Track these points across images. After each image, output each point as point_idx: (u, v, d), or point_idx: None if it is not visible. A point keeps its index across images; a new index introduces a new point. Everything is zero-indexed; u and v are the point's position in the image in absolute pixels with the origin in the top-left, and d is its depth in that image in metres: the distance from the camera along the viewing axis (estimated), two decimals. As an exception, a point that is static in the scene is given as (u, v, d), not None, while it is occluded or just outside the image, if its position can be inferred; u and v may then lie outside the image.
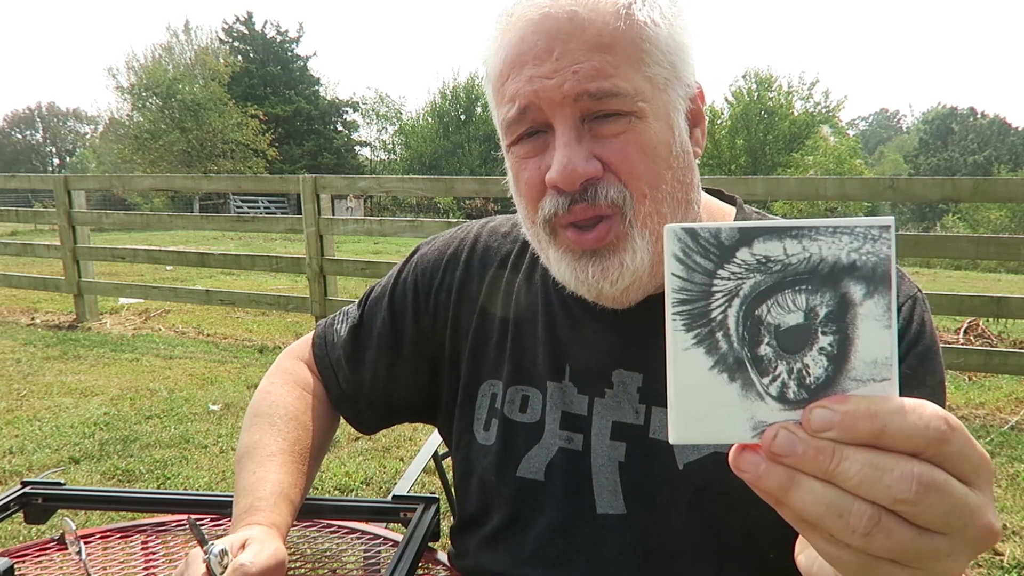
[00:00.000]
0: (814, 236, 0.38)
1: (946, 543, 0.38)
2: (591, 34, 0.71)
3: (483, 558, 0.91)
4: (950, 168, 50.45)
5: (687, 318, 0.39)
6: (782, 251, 0.38)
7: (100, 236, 15.63)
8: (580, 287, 0.78)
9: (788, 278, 0.38)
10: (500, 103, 0.77)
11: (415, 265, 1.01)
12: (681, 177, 0.76)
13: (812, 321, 0.38)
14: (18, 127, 68.42)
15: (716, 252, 0.38)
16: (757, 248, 0.38)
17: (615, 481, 0.82)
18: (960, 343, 5.62)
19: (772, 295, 0.38)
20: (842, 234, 0.37)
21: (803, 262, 0.38)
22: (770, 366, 0.38)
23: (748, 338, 0.38)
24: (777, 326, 0.38)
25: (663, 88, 0.74)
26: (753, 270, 0.38)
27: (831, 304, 0.38)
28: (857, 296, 0.37)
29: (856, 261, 0.37)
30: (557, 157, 0.72)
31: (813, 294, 0.38)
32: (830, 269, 0.37)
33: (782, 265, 0.38)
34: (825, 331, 0.38)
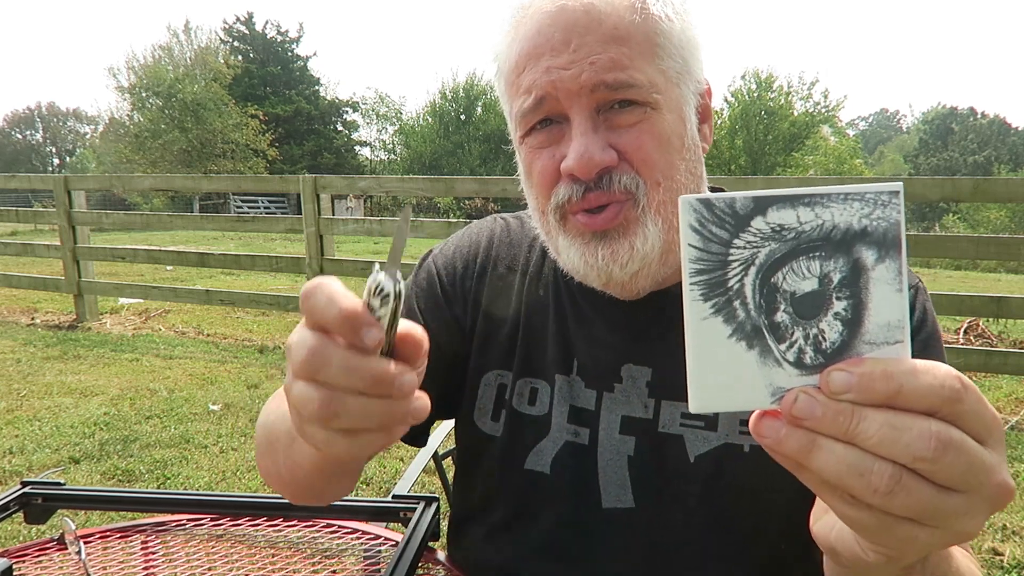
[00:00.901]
0: (826, 203, 0.38)
1: (964, 501, 0.38)
2: (608, 27, 0.73)
3: (485, 551, 0.91)
4: (950, 168, 50.44)
5: (705, 288, 0.39)
6: (795, 219, 0.38)
7: (100, 236, 15.63)
8: (590, 272, 0.78)
9: (802, 245, 0.38)
10: (515, 95, 0.78)
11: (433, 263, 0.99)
12: (692, 169, 0.79)
13: (827, 287, 0.38)
14: (18, 127, 68.43)
15: (731, 222, 0.39)
16: (771, 216, 0.38)
17: (624, 475, 0.82)
18: (960, 343, 5.62)
19: (787, 262, 0.39)
20: (853, 200, 0.38)
21: (816, 229, 0.38)
22: (787, 332, 0.39)
23: (765, 306, 0.39)
24: (793, 293, 0.39)
25: (675, 82, 0.76)
26: (768, 238, 0.39)
27: (844, 270, 0.38)
28: (869, 261, 0.38)
29: (867, 227, 0.38)
30: (574, 146, 0.73)
31: (827, 260, 0.38)
32: (843, 235, 0.38)
33: (796, 233, 0.38)
34: (840, 296, 0.38)
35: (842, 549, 0.46)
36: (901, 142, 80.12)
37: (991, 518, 2.89)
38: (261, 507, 1.14)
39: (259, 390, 4.60)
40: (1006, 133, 57.16)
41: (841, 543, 0.46)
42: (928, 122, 66.76)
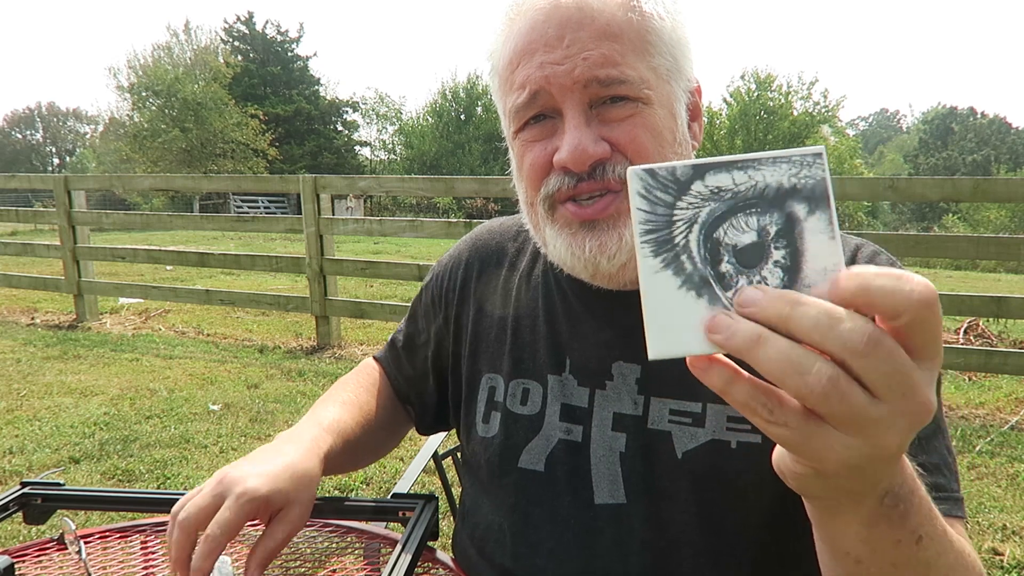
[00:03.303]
0: (757, 166, 0.42)
1: (887, 411, 0.40)
2: (600, 23, 0.74)
3: (484, 549, 0.92)
4: (950, 168, 50.46)
5: (654, 245, 0.43)
6: (731, 181, 0.42)
7: (100, 236, 15.64)
8: (577, 264, 0.79)
9: (739, 203, 0.42)
10: (508, 91, 0.79)
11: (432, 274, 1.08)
12: None
13: (765, 238, 0.42)
14: (18, 127, 68.44)
15: (674, 187, 0.43)
16: (709, 180, 0.42)
17: (616, 471, 0.83)
18: (960, 343, 5.62)
19: (727, 219, 0.42)
20: (781, 163, 0.42)
21: (751, 189, 0.42)
22: (732, 281, 0.42)
23: (710, 258, 0.43)
24: (734, 245, 0.42)
25: (666, 79, 0.77)
26: (708, 199, 0.43)
27: (779, 222, 0.42)
28: (802, 213, 0.42)
29: (796, 184, 0.42)
30: (567, 138, 0.75)
31: (763, 215, 0.42)
32: (775, 193, 0.42)
33: (732, 193, 0.42)
34: (777, 246, 0.42)
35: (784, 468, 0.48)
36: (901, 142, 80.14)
37: (990, 518, 2.89)
38: (261, 507, 1.14)
39: (259, 390, 4.60)
40: (1006, 133, 57.16)
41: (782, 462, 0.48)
42: (928, 122, 66.76)
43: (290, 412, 4.18)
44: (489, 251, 0.98)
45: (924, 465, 0.73)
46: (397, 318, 5.42)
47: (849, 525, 0.52)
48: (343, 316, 5.98)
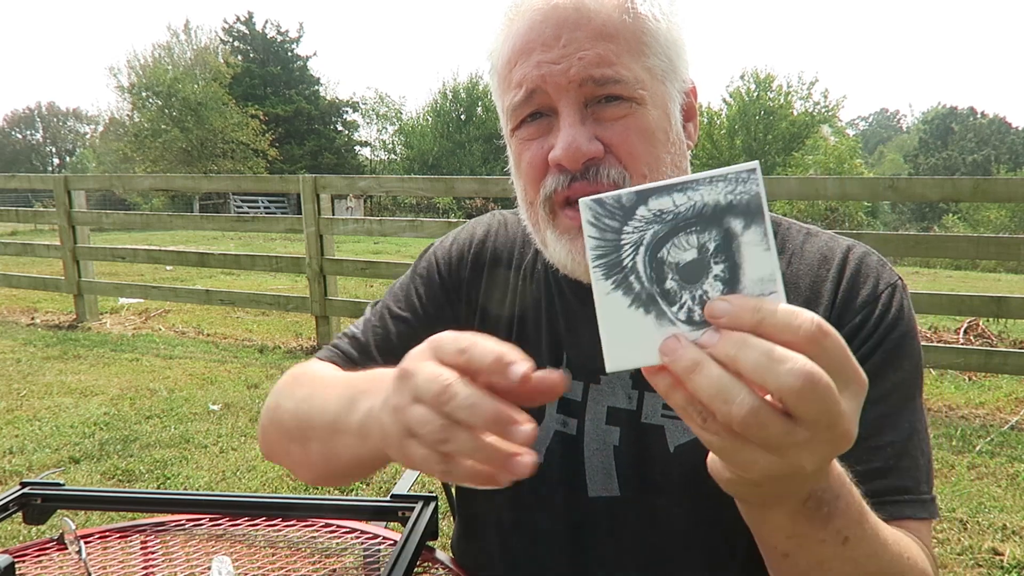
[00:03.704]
0: (695, 187, 0.45)
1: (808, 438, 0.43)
2: (597, 24, 0.75)
3: (484, 545, 0.93)
4: (950, 168, 50.45)
5: (605, 269, 0.47)
6: (672, 203, 0.45)
7: (100, 236, 15.63)
8: (576, 268, 0.80)
9: (680, 224, 0.45)
10: (506, 90, 0.80)
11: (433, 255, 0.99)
12: (677, 163, 0.81)
13: (704, 255, 0.45)
14: (18, 127, 68.45)
15: (620, 212, 0.46)
16: (652, 204, 0.46)
17: (610, 464, 0.84)
18: (960, 343, 5.62)
19: (669, 239, 0.46)
20: (717, 182, 0.45)
21: (690, 209, 0.45)
22: (676, 297, 0.46)
23: (655, 277, 0.46)
24: (677, 263, 0.46)
25: (661, 79, 0.79)
26: (651, 222, 0.46)
27: (717, 239, 0.45)
28: (738, 229, 0.44)
29: (732, 201, 0.44)
30: (562, 136, 0.76)
31: (702, 233, 0.45)
32: (712, 211, 0.45)
33: (673, 215, 0.45)
34: (716, 261, 0.45)
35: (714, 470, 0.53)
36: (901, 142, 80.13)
37: (990, 518, 2.89)
38: (261, 507, 1.14)
39: (259, 390, 4.60)
40: (1006, 133, 57.15)
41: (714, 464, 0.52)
42: (928, 122, 66.75)
43: (290, 412, 4.18)
44: (500, 242, 0.98)
45: (894, 468, 0.74)
46: (397, 318, 5.41)
47: (775, 523, 0.57)
48: (343, 316, 5.98)
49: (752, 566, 0.81)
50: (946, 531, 2.81)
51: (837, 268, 0.82)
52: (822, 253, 0.84)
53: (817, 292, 0.81)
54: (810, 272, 0.83)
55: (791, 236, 0.87)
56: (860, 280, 0.81)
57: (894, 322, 0.79)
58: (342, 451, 0.69)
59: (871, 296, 0.80)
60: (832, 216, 22.62)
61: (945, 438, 3.75)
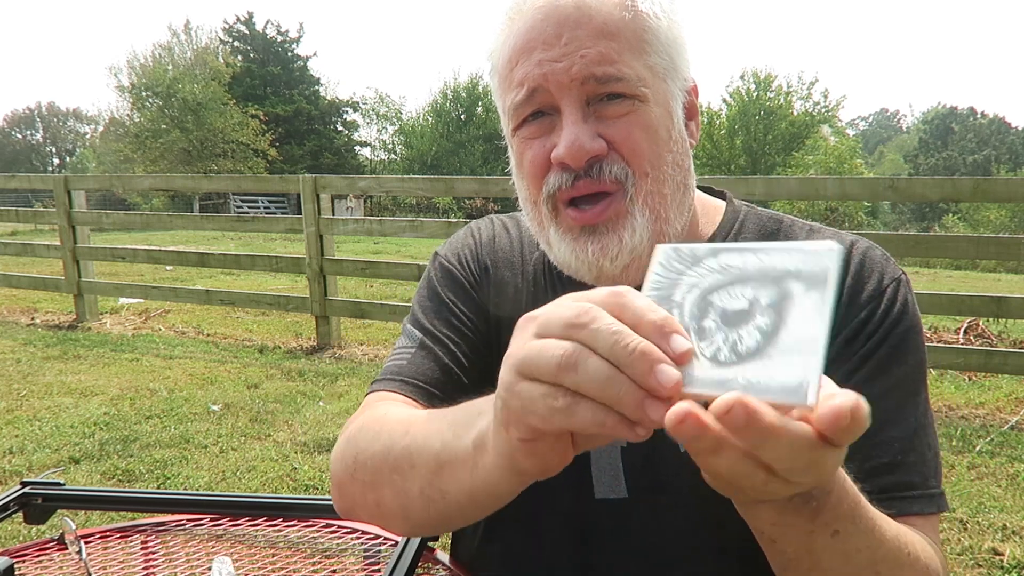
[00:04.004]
0: (770, 252, 0.45)
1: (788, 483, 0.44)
2: (598, 22, 0.75)
3: (484, 544, 0.92)
4: (950, 168, 50.43)
5: (656, 299, 0.47)
6: (741, 261, 0.45)
7: (100, 236, 15.63)
8: (581, 267, 0.80)
9: (742, 277, 0.45)
10: (508, 89, 0.80)
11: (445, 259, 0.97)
12: (680, 161, 0.80)
13: (754, 307, 0.44)
14: (18, 127, 68.44)
15: (690, 260, 0.47)
16: (722, 258, 0.46)
17: (617, 466, 0.83)
18: (960, 343, 5.62)
19: (725, 287, 0.45)
20: (794, 252, 0.44)
21: (757, 268, 0.45)
22: (710, 335, 0.44)
23: (697, 313, 0.45)
24: (724, 308, 0.45)
25: (662, 77, 0.79)
26: (715, 272, 0.46)
27: (773, 297, 0.43)
28: (797, 291, 0.43)
29: (801, 269, 0.43)
30: (564, 135, 0.76)
31: (759, 288, 0.44)
32: (778, 274, 0.44)
33: (739, 270, 0.45)
34: (763, 314, 0.43)
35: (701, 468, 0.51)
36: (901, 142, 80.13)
37: (990, 518, 2.89)
38: (261, 507, 1.14)
39: (259, 390, 4.60)
40: (1006, 133, 57.14)
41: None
42: (928, 122, 66.75)
43: (290, 412, 4.18)
44: (503, 247, 0.97)
45: (900, 464, 0.74)
46: (397, 318, 5.42)
47: (760, 512, 0.57)
48: (343, 316, 5.98)
49: (758, 567, 0.81)
50: (946, 531, 2.81)
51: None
52: None
53: None
54: None
55: (794, 232, 0.88)
56: (865, 274, 0.81)
57: (899, 317, 0.80)
58: (449, 486, 0.63)
59: (876, 290, 0.80)
60: (832, 216, 22.62)
61: (945, 438, 3.75)
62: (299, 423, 4.01)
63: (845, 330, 0.79)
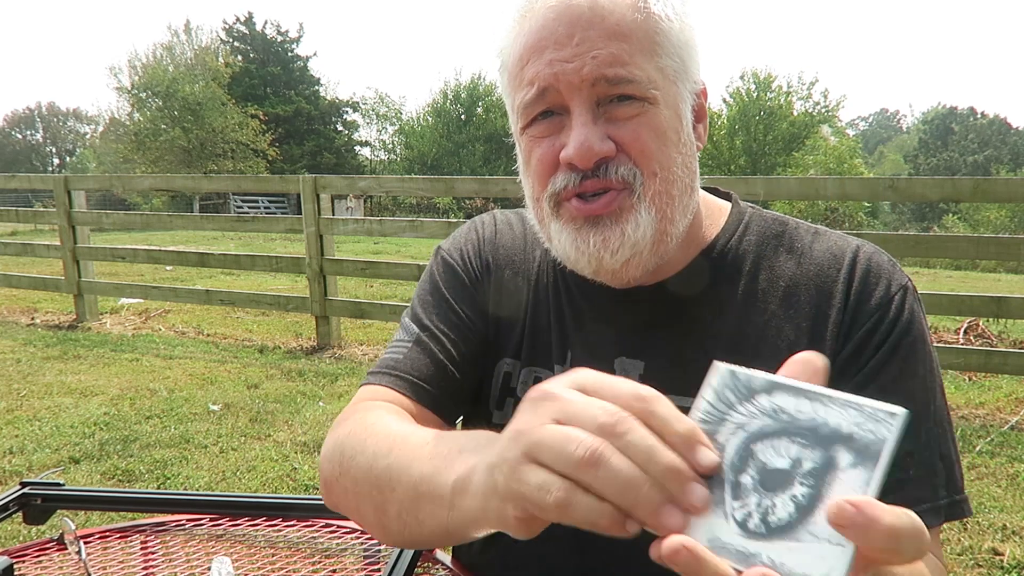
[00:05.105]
0: (827, 403, 0.42)
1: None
2: (610, 23, 0.75)
3: (484, 544, 0.92)
4: (950, 168, 50.43)
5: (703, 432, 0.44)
6: (795, 407, 0.43)
7: (100, 236, 15.62)
8: (581, 259, 0.79)
9: (790, 429, 0.42)
10: (518, 87, 0.80)
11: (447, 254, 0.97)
12: (688, 164, 0.80)
13: (795, 470, 0.41)
14: (18, 127, 68.45)
15: (744, 391, 0.44)
16: (777, 398, 0.43)
17: None
18: (960, 343, 5.62)
19: (771, 438, 0.43)
20: (851, 408, 0.41)
21: (809, 420, 0.42)
22: (744, 494, 0.42)
23: (738, 463, 0.43)
24: (764, 464, 0.42)
25: (673, 79, 0.79)
26: (765, 414, 0.43)
27: (817, 462, 0.41)
28: (844, 463, 0.40)
29: (854, 434, 0.40)
30: (574, 135, 0.75)
31: (805, 448, 0.42)
32: (829, 433, 0.41)
33: (791, 417, 0.43)
34: (803, 482, 0.41)
35: None
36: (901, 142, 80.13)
37: (990, 518, 2.89)
38: (261, 507, 1.14)
39: (259, 390, 4.60)
40: (1006, 133, 57.13)
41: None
42: (928, 122, 66.73)
43: (290, 412, 4.18)
44: (506, 242, 0.97)
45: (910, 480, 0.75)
46: (397, 318, 5.40)
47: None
48: (343, 316, 5.98)
49: None
50: (946, 531, 2.81)
51: (848, 268, 0.82)
52: (831, 252, 0.84)
53: (828, 292, 0.81)
54: (820, 271, 0.83)
55: (799, 235, 0.87)
56: (871, 281, 0.81)
57: (907, 327, 0.80)
58: (426, 519, 0.63)
59: (884, 298, 0.80)
60: (832, 216, 22.61)
61: (945, 438, 3.74)
62: (299, 423, 4.01)
63: (852, 340, 0.79)
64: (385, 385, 0.87)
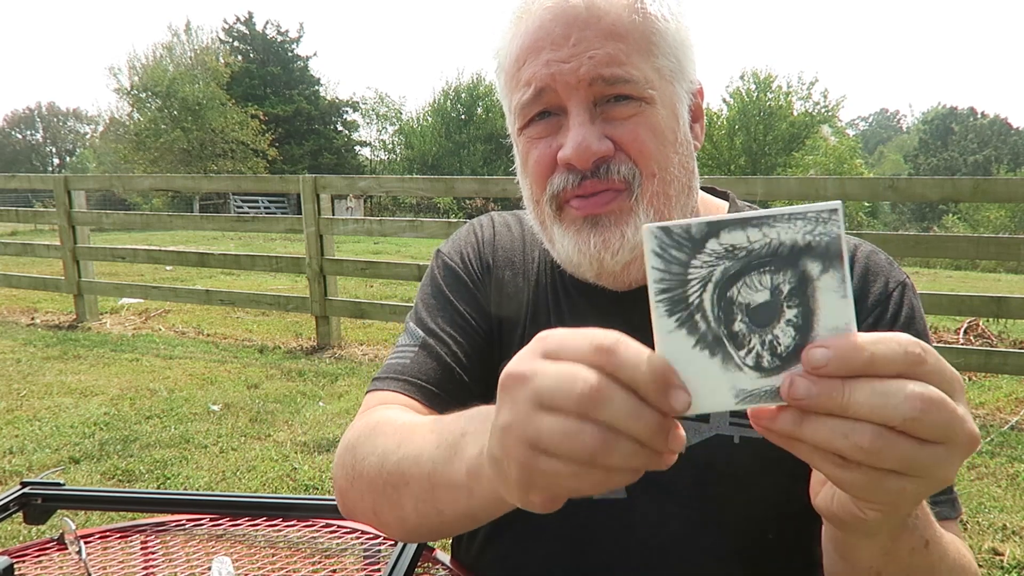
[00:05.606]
0: (772, 223, 0.42)
1: (944, 451, 0.42)
2: (607, 23, 0.75)
3: (484, 546, 0.92)
4: (950, 168, 50.41)
5: (668, 304, 0.43)
6: (745, 239, 0.42)
7: (100, 236, 15.63)
8: (583, 261, 0.80)
9: (753, 262, 0.43)
10: (515, 88, 0.80)
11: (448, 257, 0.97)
12: (685, 163, 0.81)
13: (778, 297, 0.42)
14: (18, 127, 68.45)
15: (688, 245, 0.43)
16: (724, 238, 0.43)
17: None
18: (960, 343, 5.62)
19: (740, 278, 0.43)
20: (796, 219, 0.42)
21: (765, 247, 0.42)
22: (745, 340, 0.43)
23: (724, 317, 0.43)
24: (748, 304, 0.43)
25: (669, 79, 0.79)
26: (722, 257, 0.43)
27: (792, 281, 0.42)
28: (815, 272, 0.42)
29: (811, 242, 0.42)
30: (571, 136, 0.76)
31: (776, 273, 0.42)
32: (789, 251, 0.42)
33: (746, 251, 0.42)
34: (790, 305, 0.42)
35: (844, 514, 0.51)
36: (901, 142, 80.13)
37: (990, 518, 2.89)
38: (261, 507, 1.14)
39: (259, 390, 4.60)
40: (1006, 133, 57.12)
41: (842, 509, 0.51)
42: (928, 122, 66.74)
43: (290, 412, 4.18)
44: (504, 244, 0.97)
45: None
46: (397, 318, 5.42)
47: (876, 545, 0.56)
48: (343, 316, 5.98)
49: (759, 568, 0.81)
50: (946, 531, 2.81)
51: None
52: None
53: None
54: None
55: None
56: (870, 278, 0.82)
57: (908, 323, 0.80)
58: (445, 507, 0.63)
59: (883, 293, 0.81)
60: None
61: (945, 438, 3.75)
62: (299, 423, 4.01)
63: None
64: (394, 390, 0.86)
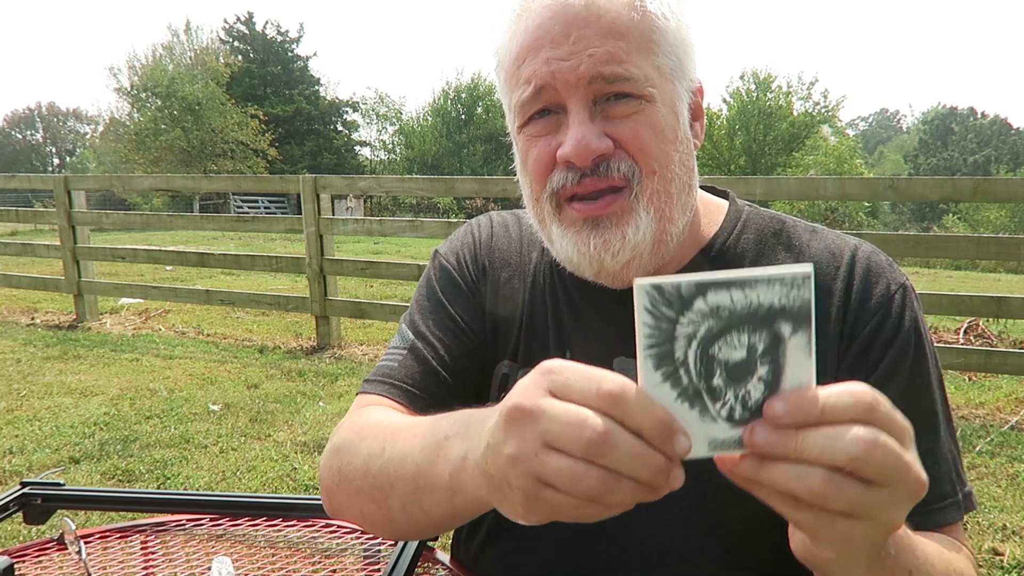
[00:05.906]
0: (753, 285, 0.46)
1: (888, 495, 0.46)
2: (607, 21, 0.75)
3: (483, 545, 0.92)
4: (950, 168, 50.40)
5: (656, 359, 0.47)
6: (729, 300, 0.46)
7: (100, 236, 15.63)
8: (582, 261, 0.80)
9: (734, 321, 0.47)
10: (514, 86, 0.80)
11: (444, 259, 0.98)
12: (685, 161, 0.81)
13: (753, 355, 0.47)
14: (18, 127, 68.44)
15: (677, 303, 0.47)
16: (710, 298, 0.46)
17: None
18: (960, 343, 5.62)
19: (721, 336, 0.47)
20: (775, 283, 0.46)
21: (745, 308, 0.46)
22: (721, 394, 0.48)
23: (704, 372, 0.47)
24: (726, 361, 0.47)
25: (669, 78, 0.79)
26: (707, 316, 0.47)
27: (766, 341, 0.47)
28: (786, 332, 0.47)
29: (785, 306, 0.46)
30: (571, 133, 0.76)
31: (753, 333, 0.47)
32: (766, 312, 0.46)
33: (729, 312, 0.46)
34: (763, 362, 0.47)
35: (806, 555, 0.55)
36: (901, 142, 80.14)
37: (990, 518, 2.89)
38: (261, 507, 1.14)
39: (259, 390, 4.60)
40: (1006, 133, 57.13)
41: (805, 549, 0.54)
42: (928, 122, 66.75)
43: (290, 412, 4.18)
44: (502, 243, 0.97)
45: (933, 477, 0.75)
46: (397, 318, 5.41)
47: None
48: (343, 316, 5.98)
49: (758, 569, 0.81)
50: (946, 531, 2.81)
51: (847, 266, 0.82)
52: (830, 250, 0.84)
53: (828, 290, 0.81)
54: (818, 269, 0.82)
55: (797, 234, 0.88)
56: (872, 280, 0.81)
57: (911, 326, 0.80)
58: (431, 508, 0.65)
59: (885, 297, 0.81)
60: (832, 216, 22.61)
61: (945, 438, 3.75)
62: (299, 423, 4.01)
63: (857, 339, 0.80)
64: (379, 394, 0.88)
